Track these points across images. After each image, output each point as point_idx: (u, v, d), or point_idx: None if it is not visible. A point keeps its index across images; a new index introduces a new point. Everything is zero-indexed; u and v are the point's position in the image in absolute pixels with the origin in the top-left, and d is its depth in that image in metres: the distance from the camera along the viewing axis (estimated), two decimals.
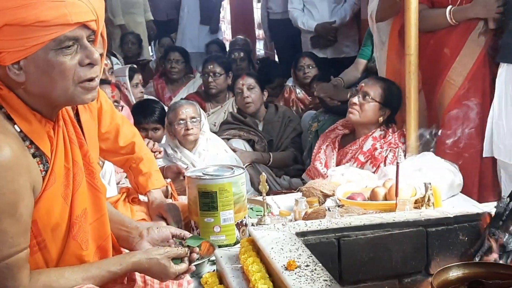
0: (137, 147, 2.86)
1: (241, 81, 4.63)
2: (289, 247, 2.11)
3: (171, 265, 1.94)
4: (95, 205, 1.89)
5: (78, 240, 1.82)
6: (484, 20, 3.46)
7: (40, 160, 1.73)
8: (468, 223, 2.33)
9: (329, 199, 2.96)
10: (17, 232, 1.65)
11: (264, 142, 4.55)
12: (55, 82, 1.67)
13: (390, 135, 3.54)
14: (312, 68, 5.41)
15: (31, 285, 1.70)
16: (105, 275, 1.83)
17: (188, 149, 3.91)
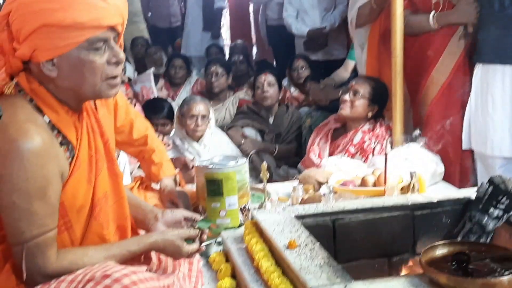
0: (149, 139, 2.85)
1: (263, 77, 4.66)
2: (290, 228, 2.10)
3: (184, 245, 1.96)
4: (114, 189, 1.90)
5: (99, 220, 1.83)
6: (464, 24, 3.46)
7: (66, 147, 1.74)
8: (450, 207, 2.33)
9: (324, 186, 2.96)
10: (45, 213, 1.66)
11: (272, 134, 4.59)
12: (85, 78, 1.69)
13: (378, 129, 3.55)
14: (305, 69, 5.42)
15: (58, 262, 1.71)
16: (125, 254, 1.84)
17: (194, 140, 3.97)
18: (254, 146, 4.44)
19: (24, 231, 1.64)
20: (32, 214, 1.63)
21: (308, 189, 2.94)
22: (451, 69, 3.47)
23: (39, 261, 1.68)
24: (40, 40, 1.65)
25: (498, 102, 3.27)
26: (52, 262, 1.69)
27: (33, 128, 1.64)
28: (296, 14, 5.90)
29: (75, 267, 1.71)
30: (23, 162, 1.60)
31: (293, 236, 2.03)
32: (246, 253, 2.20)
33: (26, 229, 1.64)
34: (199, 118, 3.92)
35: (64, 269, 1.70)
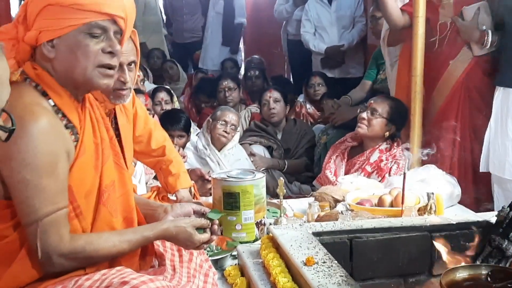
0: (167, 150, 2.86)
1: (268, 94, 4.68)
2: (307, 245, 2.09)
3: (196, 233, 1.96)
4: (120, 181, 1.91)
5: (107, 207, 1.84)
6: (469, 47, 3.46)
7: (71, 131, 1.76)
8: (468, 230, 2.31)
9: (340, 204, 2.94)
10: (56, 190, 1.68)
11: (281, 150, 4.60)
12: (78, 61, 1.73)
13: (395, 149, 3.54)
14: (321, 86, 5.43)
15: (73, 242, 1.71)
16: (139, 238, 1.85)
17: (216, 148, 4.05)
18: (263, 163, 4.43)
19: (36, 208, 1.65)
20: (43, 190, 1.65)
21: (324, 206, 2.93)
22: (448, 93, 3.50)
23: (54, 239, 1.68)
24: (44, 20, 1.71)
25: None
26: (66, 241, 1.70)
27: (39, 110, 1.67)
28: (314, 31, 5.92)
29: (91, 247, 1.73)
30: (31, 139, 1.62)
31: (310, 252, 2.02)
32: (263, 268, 2.19)
33: (38, 206, 1.65)
34: (229, 125, 4.03)
35: (80, 248, 1.71)
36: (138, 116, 2.71)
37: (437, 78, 3.60)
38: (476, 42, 3.43)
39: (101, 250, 1.75)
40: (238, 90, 5.40)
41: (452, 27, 3.53)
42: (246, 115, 5.14)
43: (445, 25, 3.56)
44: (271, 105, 4.64)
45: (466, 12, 3.44)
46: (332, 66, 5.81)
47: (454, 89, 3.55)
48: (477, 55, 3.49)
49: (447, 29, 3.55)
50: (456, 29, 3.50)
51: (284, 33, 7.06)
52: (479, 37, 3.40)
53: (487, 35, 3.37)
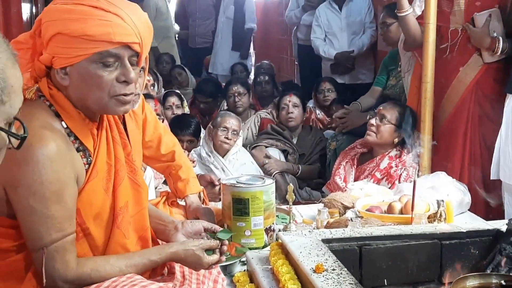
0: (177, 155, 2.86)
1: (288, 98, 4.72)
2: (316, 252, 2.08)
3: (205, 255, 1.96)
4: (136, 199, 1.91)
5: (122, 229, 1.84)
6: (479, 54, 3.44)
7: (83, 154, 1.76)
8: (479, 238, 2.30)
9: (349, 210, 2.93)
10: (63, 217, 1.67)
11: (296, 155, 4.62)
12: (91, 91, 1.72)
13: (405, 155, 3.53)
14: (331, 92, 5.43)
15: (79, 268, 1.71)
16: (146, 263, 1.85)
17: (220, 155, 4.04)
18: (277, 166, 4.46)
19: (43, 235, 1.65)
20: (50, 218, 1.65)
21: (333, 213, 2.92)
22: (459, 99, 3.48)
23: (59, 266, 1.68)
24: (56, 47, 1.70)
25: None
26: (72, 267, 1.70)
27: (48, 134, 1.66)
28: (324, 37, 5.92)
29: (96, 274, 1.72)
30: (37, 166, 1.61)
31: (320, 260, 2.01)
32: (271, 274, 2.18)
33: (45, 233, 1.65)
34: (230, 131, 4.01)
35: (86, 275, 1.71)
36: (147, 121, 2.72)
37: (447, 85, 3.60)
38: (487, 48, 3.42)
39: (107, 276, 1.75)
40: (248, 95, 5.39)
41: (463, 34, 3.52)
42: (256, 120, 5.14)
43: (456, 32, 3.55)
44: (290, 110, 4.67)
45: (478, 19, 3.43)
46: (342, 72, 5.81)
47: (464, 96, 3.55)
48: (488, 62, 3.48)
49: (458, 35, 3.54)
50: (467, 36, 3.49)
51: (294, 39, 7.08)
52: (490, 44, 3.39)
53: (498, 42, 3.36)
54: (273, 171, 4.42)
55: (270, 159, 4.47)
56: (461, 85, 3.54)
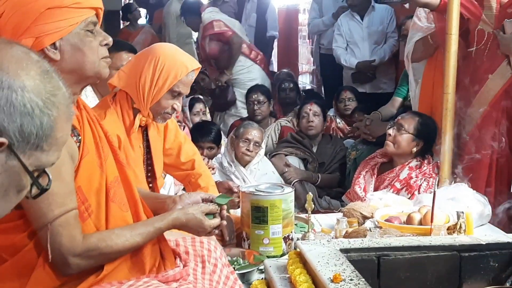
0: (196, 164, 2.88)
1: (309, 107, 4.72)
2: (334, 261, 2.08)
3: (206, 219, 2.00)
4: (122, 177, 1.93)
5: (116, 202, 1.86)
6: (508, 62, 3.42)
7: (72, 133, 1.78)
8: (499, 251, 2.28)
9: (368, 220, 2.93)
10: (63, 193, 1.70)
11: (316, 163, 4.63)
12: (87, 57, 1.80)
13: (425, 166, 3.51)
14: (352, 101, 5.42)
15: (85, 241, 1.74)
16: (151, 230, 1.88)
17: (242, 165, 4.05)
18: (297, 174, 4.47)
19: (45, 212, 1.68)
20: (50, 194, 1.64)
21: (352, 223, 2.91)
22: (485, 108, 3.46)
23: (66, 240, 1.70)
24: (44, 25, 1.74)
25: None
26: (79, 240, 1.72)
27: None
28: (346, 46, 5.93)
29: (103, 244, 1.76)
30: None
31: (337, 269, 2.01)
32: (289, 283, 2.18)
33: (47, 209, 1.68)
34: (252, 143, 4.01)
35: (93, 246, 1.74)
36: (168, 129, 2.75)
37: (475, 92, 3.55)
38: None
39: (115, 245, 1.78)
40: (268, 103, 5.40)
41: (492, 40, 3.49)
42: (276, 128, 5.15)
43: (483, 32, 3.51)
44: (310, 118, 4.67)
45: (508, 26, 3.40)
46: (363, 81, 5.81)
47: (492, 104, 3.50)
48: None
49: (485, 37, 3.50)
50: (496, 42, 3.45)
51: (316, 47, 7.07)
52: None
53: None
54: (293, 179, 4.42)
55: (289, 167, 4.48)
56: (490, 92, 3.50)
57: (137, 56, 2.59)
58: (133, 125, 2.46)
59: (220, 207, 2.07)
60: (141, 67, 2.47)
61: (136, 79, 2.45)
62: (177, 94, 2.48)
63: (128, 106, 2.48)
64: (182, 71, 2.46)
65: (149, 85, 2.43)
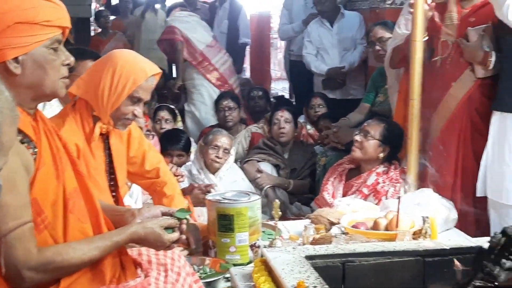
0: (161, 172, 2.85)
1: (280, 113, 4.74)
2: (299, 268, 2.09)
3: (165, 233, 1.98)
4: (82, 188, 1.92)
5: (75, 214, 1.84)
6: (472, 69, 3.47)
7: (28, 145, 1.77)
8: (462, 255, 2.30)
9: (335, 226, 2.94)
10: (18, 205, 1.68)
11: (287, 170, 4.65)
12: (47, 74, 1.81)
13: (392, 172, 3.54)
14: (322, 107, 5.43)
15: (40, 255, 1.72)
16: (108, 244, 1.86)
17: (211, 172, 4.05)
18: (269, 180, 4.49)
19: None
20: (4, 207, 1.65)
21: (320, 229, 2.92)
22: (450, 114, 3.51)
23: (20, 253, 1.68)
24: (11, 38, 1.75)
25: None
26: (33, 254, 1.70)
27: None
28: (315, 53, 5.95)
29: (59, 258, 1.74)
30: None
31: (302, 276, 2.01)
32: None
33: (1, 222, 1.66)
34: (221, 150, 4.02)
35: (49, 260, 1.72)
36: (132, 136, 2.72)
37: (439, 99, 3.60)
38: (479, 63, 3.43)
39: (71, 259, 1.76)
40: (239, 109, 5.41)
41: (455, 49, 3.54)
42: (246, 135, 5.15)
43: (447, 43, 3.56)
44: (281, 125, 4.68)
45: (471, 34, 3.45)
46: (333, 87, 5.82)
47: (456, 111, 3.55)
48: (480, 77, 3.49)
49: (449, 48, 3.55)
50: (460, 50, 3.50)
51: (286, 53, 7.08)
52: (483, 58, 3.40)
53: (491, 56, 3.38)
54: (265, 185, 4.44)
55: (262, 173, 4.49)
56: (453, 100, 3.55)
57: (95, 63, 2.55)
58: (93, 133, 2.44)
59: (180, 221, 2.05)
60: (99, 74, 2.44)
61: (95, 86, 2.42)
62: (137, 100, 2.45)
63: (87, 114, 2.46)
64: (141, 76, 2.43)
65: (108, 92, 2.40)
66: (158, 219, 2.03)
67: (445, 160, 3.57)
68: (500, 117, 3.33)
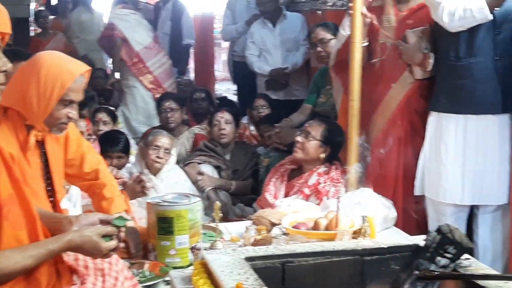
0: (101, 173, 2.80)
1: (220, 115, 4.72)
2: (238, 270, 2.08)
3: (102, 241, 1.95)
4: (18, 194, 1.88)
5: (10, 220, 1.81)
6: (410, 70, 3.53)
7: None
8: (399, 254, 2.34)
9: (276, 227, 2.94)
10: None
11: (229, 171, 4.63)
12: None
13: (333, 172, 3.57)
14: (265, 108, 5.45)
15: None
16: (43, 252, 1.83)
17: (152, 173, 4.01)
18: (211, 182, 4.46)
19: None
20: None
21: (261, 230, 2.92)
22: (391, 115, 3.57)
23: None
24: None
25: (451, 151, 3.34)
26: None
27: None
28: (258, 54, 5.96)
29: None
30: None
31: (241, 278, 2.00)
32: None
33: None
34: (161, 150, 3.99)
35: None
36: (70, 139, 2.66)
37: (379, 100, 3.66)
38: (418, 64, 3.50)
39: (4, 268, 1.73)
40: (181, 110, 5.37)
41: (394, 50, 3.60)
42: (189, 136, 5.13)
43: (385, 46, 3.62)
44: (222, 126, 4.66)
45: (410, 36, 3.51)
46: (276, 88, 5.85)
47: (396, 112, 3.61)
48: (419, 78, 3.56)
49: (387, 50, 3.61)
50: (398, 52, 3.57)
51: (230, 54, 7.08)
52: (422, 60, 3.47)
53: (429, 58, 3.45)
54: (206, 187, 4.43)
55: (203, 175, 4.46)
56: (393, 101, 3.61)
57: (19, 70, 2.39)
58: (27, 143, 2.33)
59: (118, 229, 2.02)
60: (25, 81, 2.31)
61: (22, 96, 2.29)
62: (68, 102, 2.33)
63: (20, 123, 2.32)
64: (68, 78, 2.30)
65: (37, 100, 2.27)
66: (96, 227, 1.99)
67: (385, 160, 3.63)
68: (436, 117, 3.41)
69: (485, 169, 3.34)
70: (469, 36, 3.26)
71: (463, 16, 3.16)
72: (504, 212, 3.40)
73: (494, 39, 3.25)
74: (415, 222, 3.57)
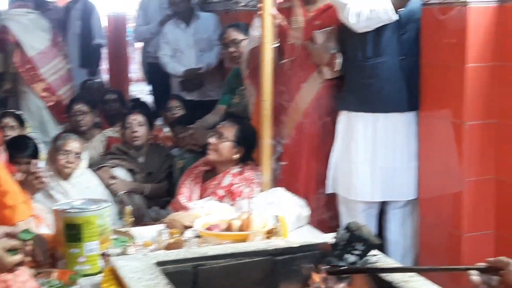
0: (2, 181, 2.69)
1: (132, 117, 4.65)
2: (148, 276, 2.06)
3: (7, 255, 1.89)
4: None
5: None
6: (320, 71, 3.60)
7: None
8: (310, 252, 2.37)
9: (189, 230, 2.92)
10: None
11: (143, 174, 4.57)
12: None
13: (247, 172, 3.58)
14: (179, 109, 5.41)
15: None
16: None
17: (63, 178, 3.95)
18: (124, 186, 4.40)
19: None
20: None
21: (174, 233, 2.89)
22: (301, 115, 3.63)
23: None
24: None
25: (360, 149, 3.42)
26: None
27: None
28: (172, 54, 5.92)
29: None
30: None
31: (150, 284, 1.98)
32: None
33: None
34: (71, 155, 3.92)
35: None
36: None
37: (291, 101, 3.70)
38: (326, 64, 3.56)
39: None
40: (92, 113, 5.26)
41: (303, 51, 3.65)
42: (101, 139, 5.02)
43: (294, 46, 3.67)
44: (134, 128, 4.59)
45: (318, 36, 3.56)
46: (190, 88, 5.82)
47: (307, 112, 3.66)
48: (328, 78, 3.62)
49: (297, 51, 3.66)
50: (308, 53, 3.62)
51: (143, 55, 6.99)
52: (329, 60, 3.53)
53: (337, 58, 3.51)
54: (119, 191, 4.35)
55: (116, 179, 4.39)
56: (304, 101, 3.66)
57: None
58: None
59: (24, 243, 1.95)
60: None
61: None
62: None
63: None
64: None
65: None
66: (0, 241, 1.91)
67: (298, 159, 3.68)
68: (346, 117, 3.48)
69: (394, 166, 3.44)
70: (376, 36, 3.36)
71: (369, 17, 3.25)
72: (413, 207, 3.52)
73: (399, 39, 3.36)
74: (328, 220, 3.63)
